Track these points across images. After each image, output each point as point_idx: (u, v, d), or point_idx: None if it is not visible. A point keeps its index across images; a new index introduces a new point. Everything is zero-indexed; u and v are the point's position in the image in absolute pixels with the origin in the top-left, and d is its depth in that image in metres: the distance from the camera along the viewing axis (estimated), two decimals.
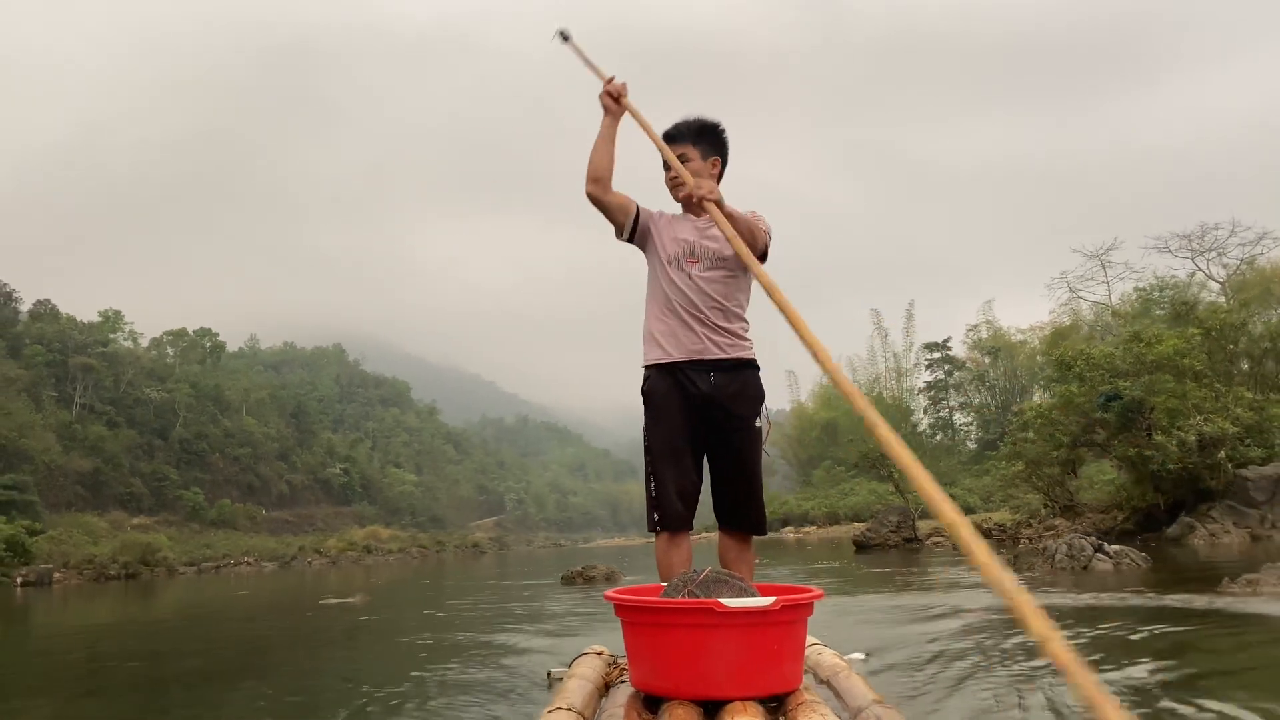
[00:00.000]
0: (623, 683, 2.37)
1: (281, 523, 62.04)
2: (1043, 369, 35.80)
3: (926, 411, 54.21)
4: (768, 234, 2.77)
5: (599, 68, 3.01)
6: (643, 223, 2.85)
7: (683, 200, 2.87)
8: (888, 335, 55.27)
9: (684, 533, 2.72)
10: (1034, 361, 43.20)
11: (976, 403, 51.77)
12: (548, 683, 3.28)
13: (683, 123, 2.90)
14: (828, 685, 2.37)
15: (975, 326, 52.05)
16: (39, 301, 61.74)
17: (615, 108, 2.86)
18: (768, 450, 2.88)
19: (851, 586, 8.31)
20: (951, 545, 16.73)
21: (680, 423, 2.72)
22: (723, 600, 2.01)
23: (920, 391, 54.47)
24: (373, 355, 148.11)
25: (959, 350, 53.10)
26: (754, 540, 2.88)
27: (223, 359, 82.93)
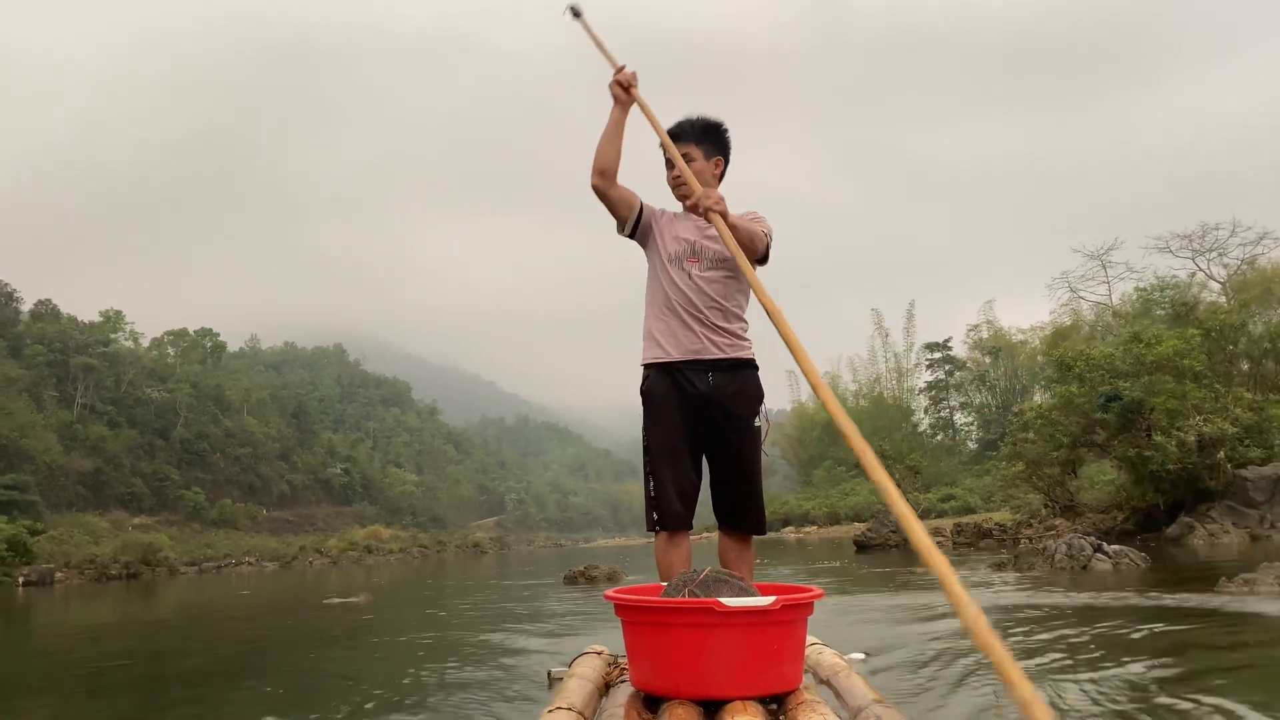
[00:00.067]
0: (623, 682, 2.37)
1: (282, 523, 62.07)
2: (1043, 369, 35.79)
3: (927, 411, 54.24)
4: (768, 237, 2.76)
5: (610, 53, 2.91)
6: (645, 220, 2.81)
7: (687, 204, 2.84)
8: (888, 335, 55.33)
9: (683, 532, 2.72)
10: (1035, 362, 43.20)
11: (977, 403, 51.77)
12: (548, 682, 3.29)
13: (687, 121, 2.85)
14: (828, 685, 2.37)
15: (976, 326, 52.12)
16: (40, 301, 61.82)
17: (625, 98, 2.78)
18: (767, 450, 2.88)
19: (852, 586, 8.31)
20: (952, 545, 16.75)
21: (679, 422, 2.71)
22: (723, 600, 2.01)
23: (921, 391, 54.47)
24: (373, 355, 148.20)
25: (960, 350, 53.17)
26: (754, 540, 2.87)
27: (223, 359, 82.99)
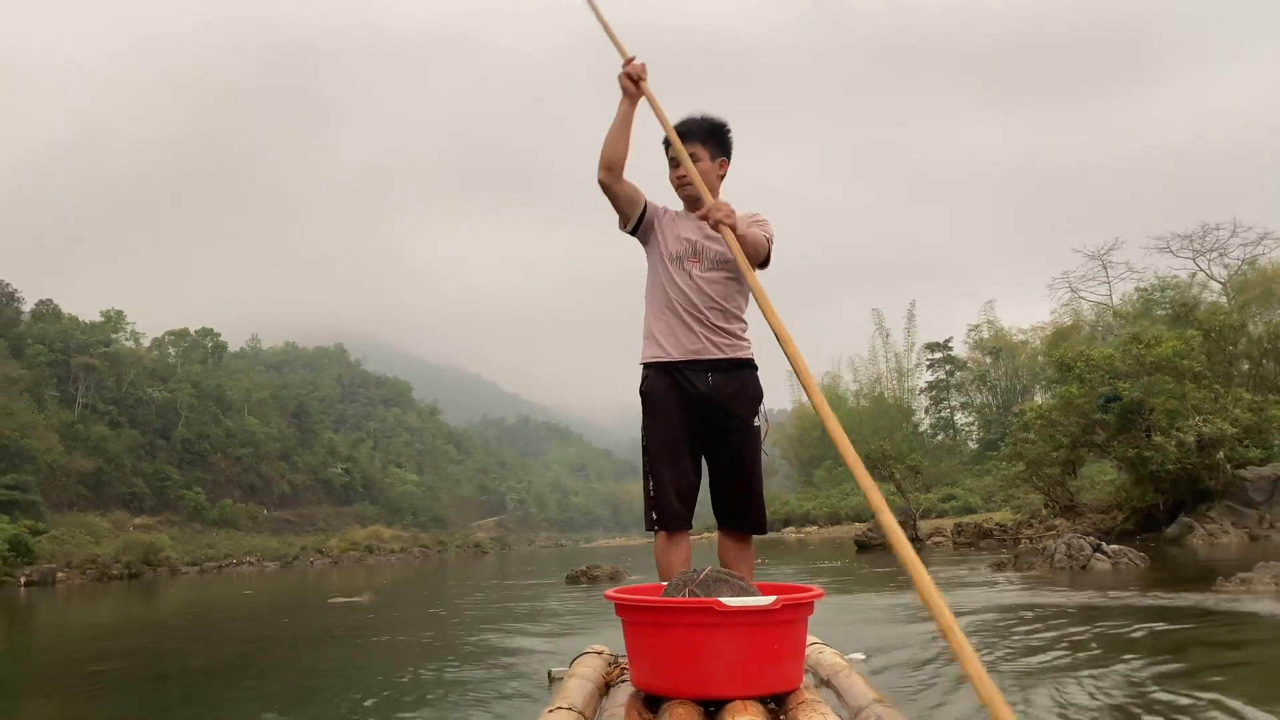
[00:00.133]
0: (623, 682, 2.38)
1: (283, 523, 62.06)
2: (1044, 369, 35.78)
3: (928, 411, 54.19)
4: (770, 241, 2.76)
5: (619, 42, 2.85)
6: (648, 217, 2.80)
7: (689, 202, 2.84)
8: (889, 335, 55.28)
9: (683, 532, 2.73)
10: (1035, 362, 43.19)
11: (978, 403, 51.73)
12: (548, 682, 3.29)
13: (693, 120, 2.81)
14: (828, 684, 2.38)
15: (976, 326, 52.08)
16: (41, 301, 61.79)
17: (635, 91, 2.73)
18: (768, 450, 2.88)
19: (852, 586, 8.32)
20: (953, 545, 16.74)
21: (678, 422, 2.71)
22: (723, 599, 2.01)
23: (922, 391, 54.45)
24: (374, 355, 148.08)
25: (960, 350, 53.12)
26: (755, 540, 2.88)
27: (224, 359, 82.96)
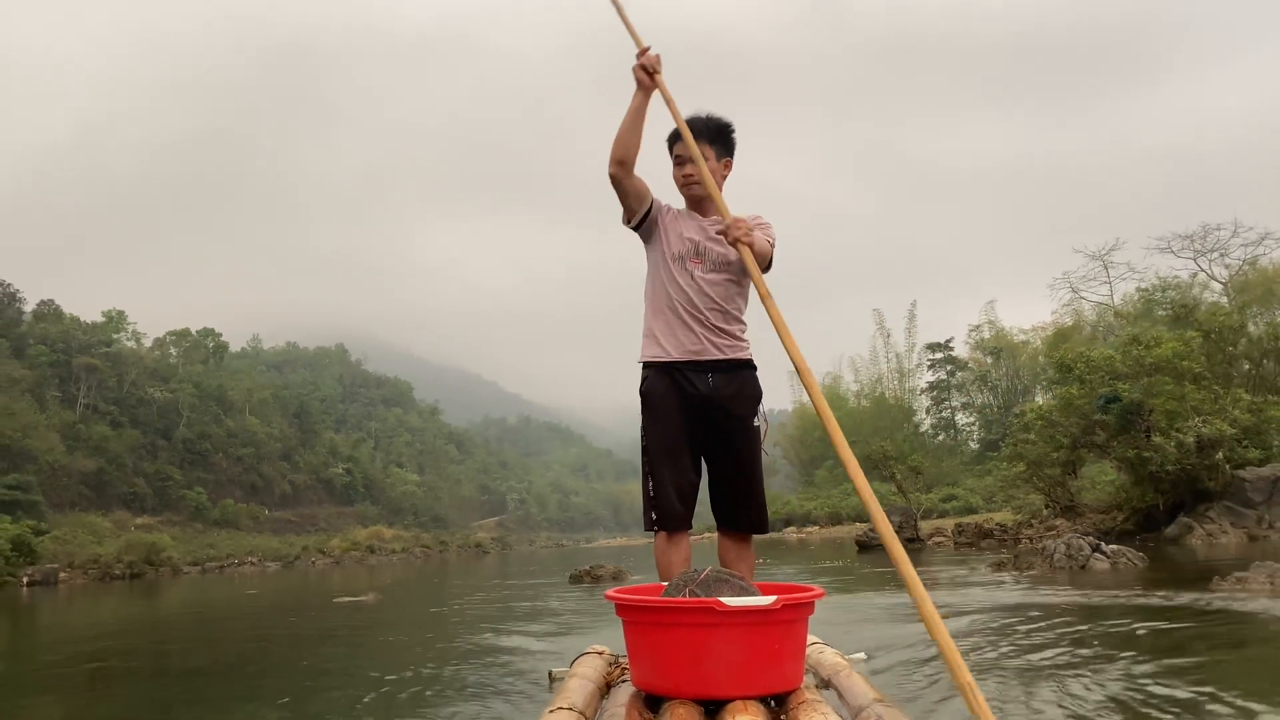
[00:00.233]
0: (624, 682, 2.38)
1: (284, 523, 62.09)
2: (1045, 370, 35.75)
3: (929, 412, 54.11)
4: (772, 244, 2.77)
5: (635, 30, 2.79)
6: (653, 214, 2.80)
7: (693, 201, 2.83)
8: (890, 335, 55.17)
9: (683, 532, 2.73)
10: (1036, 362, 43.14)
11: (979, 403, 51.67)
12: (549, 682, 3.30)
13: (699, 119, 2.79)
14: (829, 684, 2.38)
15: (977, 327, 51.99)
16: (43, 302, 61.82)
17: (649, 83, 2.68)
18: (768, 450, 2.88)
19: (853, 586, 8.32)
20: (953, 545, 16.73)
21: (678, 423, 2.72)
22: (723, 599, 2.01)
23: (923, 392, 54.37)
24: (375, 355, 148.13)
25: (961, 350, 53.05)
26: (756, 540, 2.88)
27: (225, 359, 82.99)
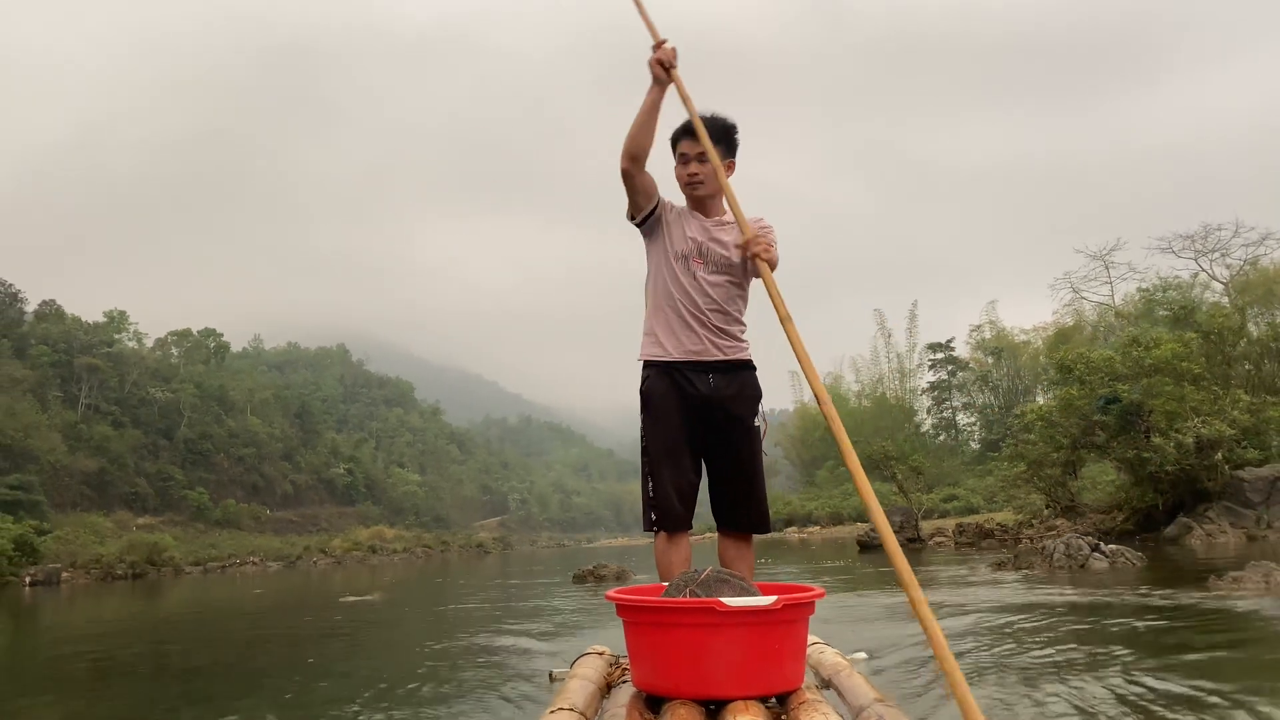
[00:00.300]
0: (624, 683, 2.38)
1: (286, 523, 62.15)
2: (1046, 370, 35.73)
3: (930, 412, 54.10)
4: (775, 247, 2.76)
5: (652, 22, 2.74)
6: (659, 212, 2.79)
7: (696, 201, 2.82)
8: (891, 335, 55.15)
9: (683, 533, 2.74)
10: (1037, 362, 43.11)
11: (980, 403, 51.65)
12: (550, 683, 3.30)
13: (705, 118, 2.75)
14: (830, 684, 2.38)
15: (978, 327, 51.99)
16: (44, 302, 61.92)
17: (665, 79, 2.63)
18: (768, 450, 2.89)
19: (854, 586, 8.33)
20: (954, 545, 16.73)
21: (679, 423, 2.72)
22: (724, 599, 2.01)
23: (924, 392, 54.35)
24: (376, 355, 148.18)
25: (962, 351, 53.04)
26: (757, 540, 2.89)
27: (227, 359, 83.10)
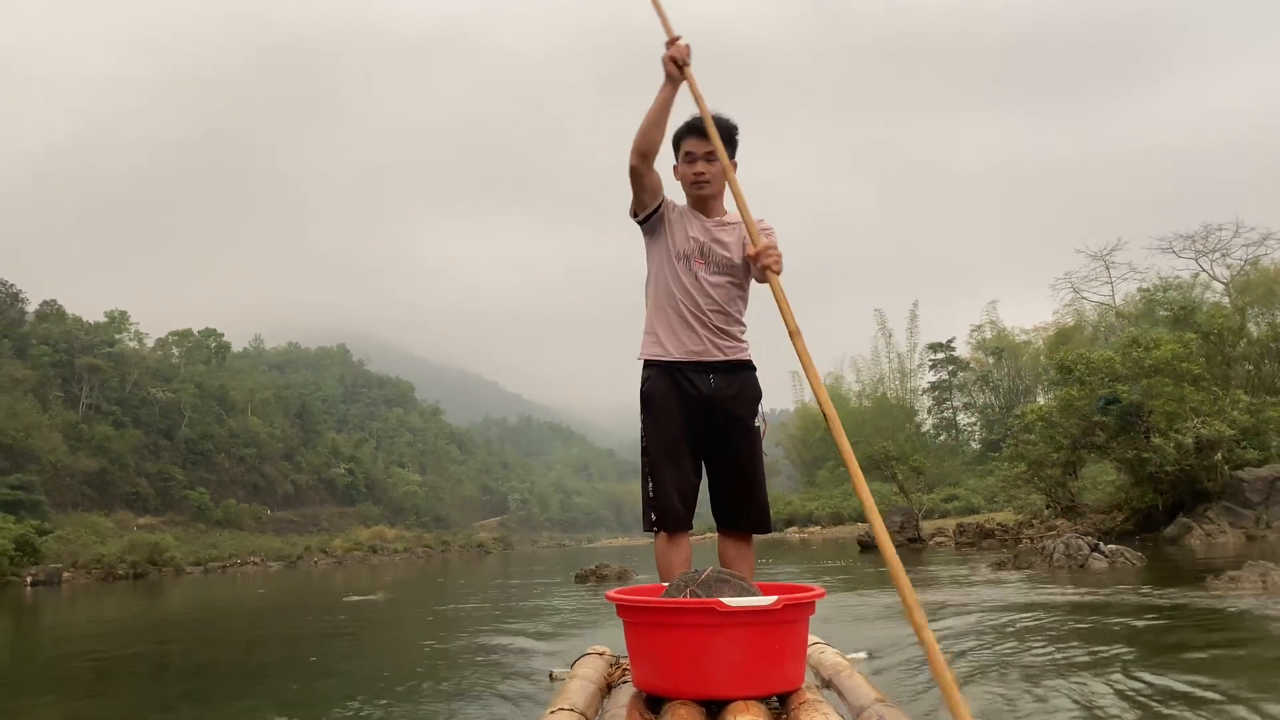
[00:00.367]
0: (625, 683, 2.38)
1: (286, 523, 62.17)
2: (1046, 370, 35.70)
3: (930, 412, 54.05)
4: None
5: (668, 19, 2.72)
6: (662, 210, 2.79)
7: (699, 201, 2.81)
8: (891, 335, 55.10)
9: (683, 533, 2.74)
10: (1038, 362, 43.08)
11: (980, 403, 51.61)
12: (550, 683, 3.30)
13: (715, 119, 2.74)
14: (830, 684, 2.38)
15: (979, 327, 51.93)
16: (45, 302, 61.95)
17: (678, 76, 2.62)
18: (768, 450, 2.89)
19: (855, 585, 8.32)
20: (954, 545, 16.72)
21: (679, 424, 2.72)
22: (724, 600, 2.01)
23: (924, 392, 54.30)
24: (376, 355, 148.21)
25: (963, 351, 53.00)
26: (757, 540, 2.89)
27: (227, 359, 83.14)
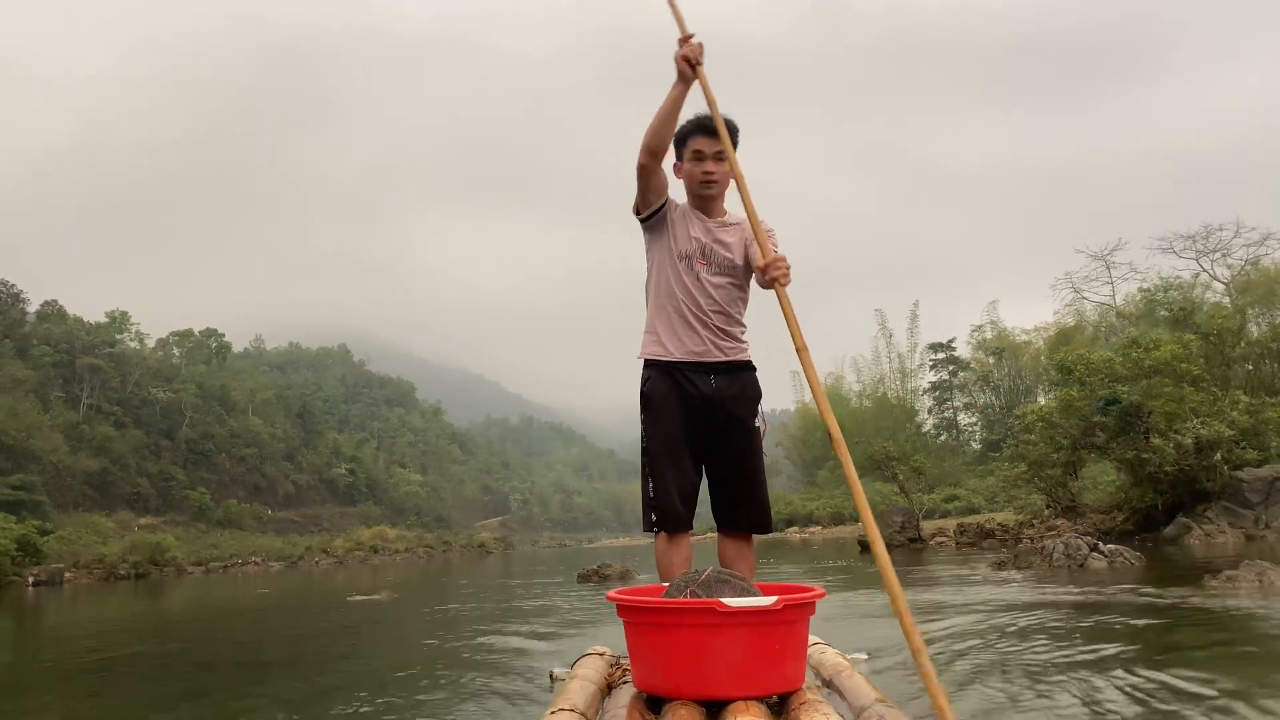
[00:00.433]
0: (625, 683, 2.38)
1: (287, 523, 62.16)
2: (1047, 370, 35.68)
3: (931, 412, 53.99)
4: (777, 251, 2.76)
5: (682, 16, 2.68)
6: (665, 209, 2.79)
7: (703, 201, 2.81)
8: (892, 335, 55.04)
9: (684, 533, 2.74)
10: (1038, 362, 43.05)
11: (981, 403, 51.57)
12: (550, 683, 3.31)
13: (709, 118, 2.71)
14: (830, 685, 2.39)
15: (980, 327, 51.88)
16: (46, 302, 61.92)
17: (691, 75, 2.59)
18: (768, 450, 2.90)
19: (855, 585, 8.33)
20: (955, 545, 16.72)
21: (680, 424, 2.73)
22: (725, 600, 2.02)
23: (925, 392, 54.26)
24: (377, 356, 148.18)
25: (963, 351, 52.97)
26: (758, 541, 2.90)
27: (228, 359, 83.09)
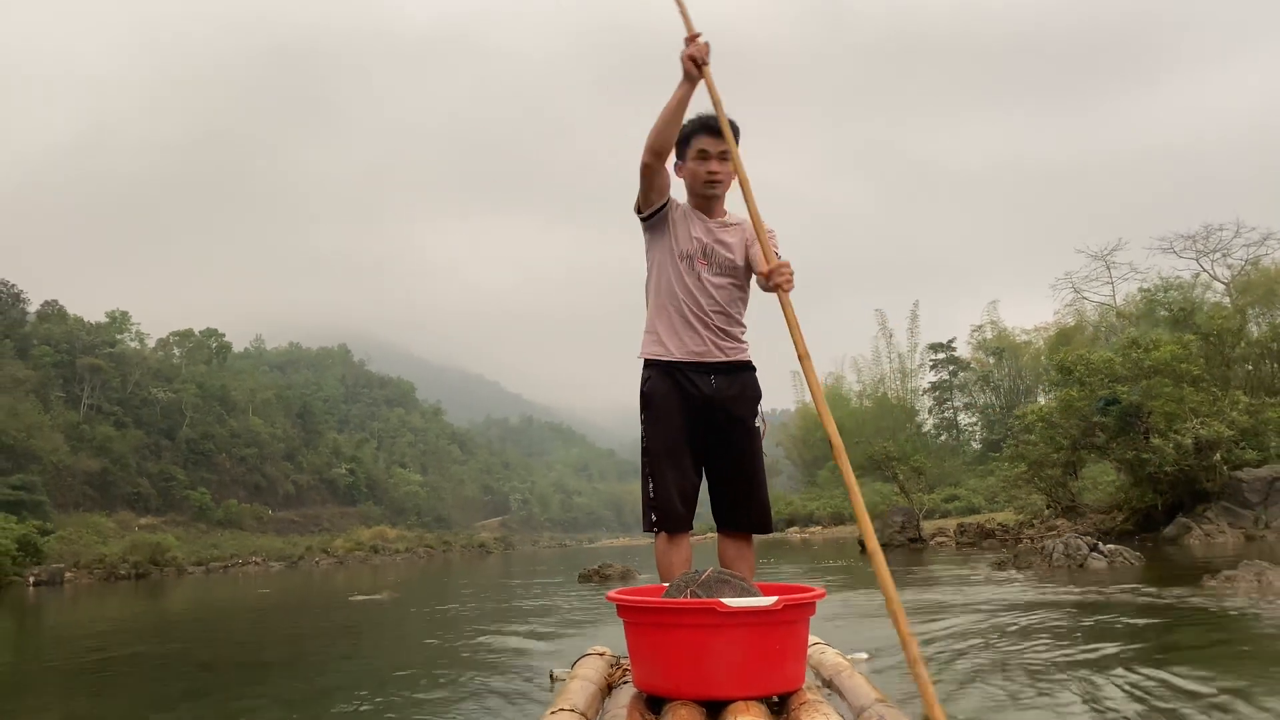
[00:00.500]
0: (625, 683, 2.38)
1: (288, 523, 62.17)
2: (1047, 370, 35.68)
3: (931, 412, 53.98)
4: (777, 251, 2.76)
5: (688, 15, 2.65)
6: (667, 209, 2.79)
7: (705, 200, 2.81)
8: (892, 335, 55.01)
9: (684, 533, 2.74)
10: (1039, 362, 43.04)
11: (981, 403, 51.56)
12: (550, 684, 3.31)
13: (711, 118, 2.69)
14: (831, 685, 2.39)
15: (980, 327, 51.86)
16: (46, 302, 61.92)
17: (697, 75, 2.56)
18: (768, 450, 2.90)
19: (855, 585, 8.32)
20: (955, 545, 16.73)
21: (680, 424, 2.73)
22: (725, 600, 2.02)
23: (925, 392, 54.24)
24: (377, 356, 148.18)
25: (964, 351, 52.96)
26: (758, 541, 2.90)
27: (229, 359, 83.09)
